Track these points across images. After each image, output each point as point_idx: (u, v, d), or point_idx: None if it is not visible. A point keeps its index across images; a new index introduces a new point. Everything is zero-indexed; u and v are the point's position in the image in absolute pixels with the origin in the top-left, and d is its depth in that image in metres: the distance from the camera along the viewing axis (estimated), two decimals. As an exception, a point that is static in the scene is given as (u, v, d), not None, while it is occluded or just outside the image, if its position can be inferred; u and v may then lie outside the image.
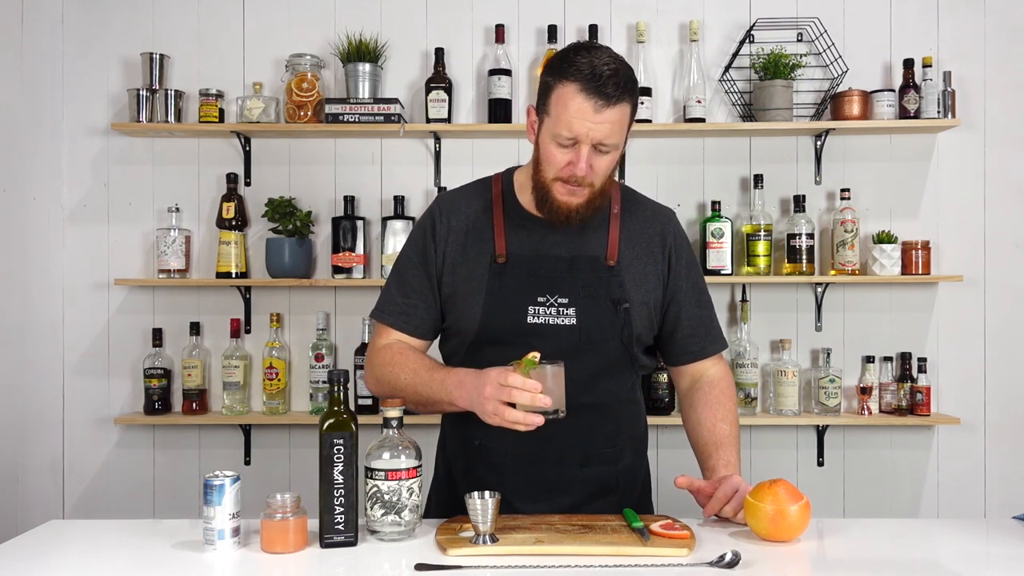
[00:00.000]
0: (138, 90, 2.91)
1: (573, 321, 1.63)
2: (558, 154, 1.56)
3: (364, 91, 2.91)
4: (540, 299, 1.64)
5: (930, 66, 2.89)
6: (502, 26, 2.94)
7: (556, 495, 1.66)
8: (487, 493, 1.40)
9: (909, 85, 2.89)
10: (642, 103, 2.89)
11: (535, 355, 1.46)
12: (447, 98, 2.90)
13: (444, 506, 1.73)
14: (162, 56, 2.95)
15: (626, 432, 1.73)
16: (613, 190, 1.74)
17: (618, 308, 1.65)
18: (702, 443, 1.71)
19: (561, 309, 1.63)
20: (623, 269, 1.68)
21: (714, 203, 2.90)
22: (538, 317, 1.63)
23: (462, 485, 1.67)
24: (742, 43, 2.96)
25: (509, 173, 1.76)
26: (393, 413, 1.49)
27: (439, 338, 1.79)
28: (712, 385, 1.76)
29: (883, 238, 2.88)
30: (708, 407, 1.73)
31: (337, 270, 2.91)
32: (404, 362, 1.66)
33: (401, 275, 1.73)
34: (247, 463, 2.99)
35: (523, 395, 1.43)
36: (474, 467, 1.69)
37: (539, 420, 1.45)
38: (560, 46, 2.92)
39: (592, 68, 1.51)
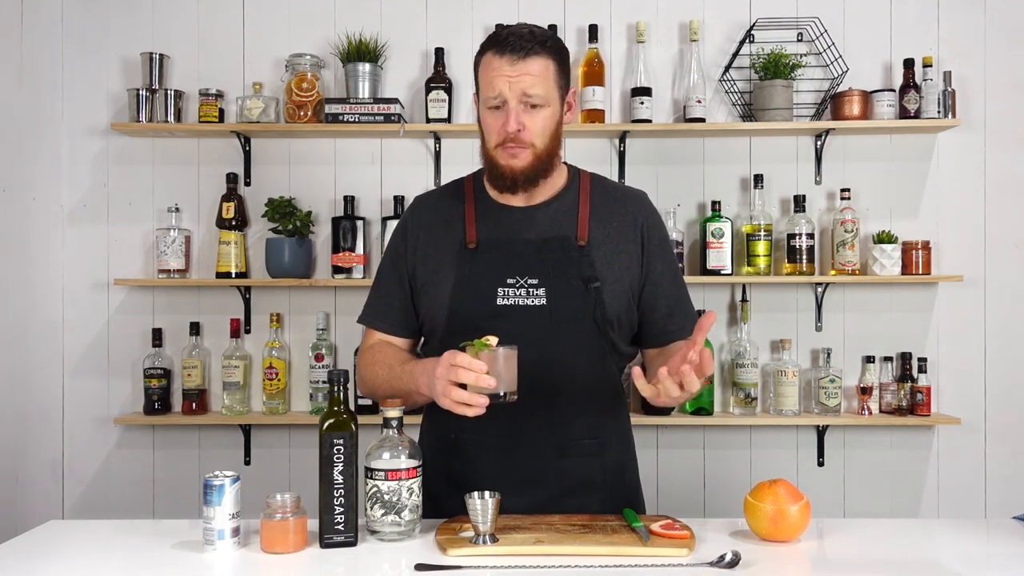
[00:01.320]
0: (138, 90, 2.91)
1: (543, 301, 1.62)
2: (491, 119, 1.62)
3: (364, 91, 2.91)
4: (510, 280, 1.64)
5: (930, 66, 2.89)
6: (502, 26, 2.93)
7: (532, 487, 1.63)
8: (487, 493, 1.40)
9: (909, 85, 2.89)
10: (642, 103, 2.90)
11: (490, 338, 1.45)
12: (447, 98, 2.90)
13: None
14: (162, 56, 2.95)
15: (610, 424, 1.71)
16: (583, 179, 1.75)
17: (588, 286, 1.63)
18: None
19: (531, 290, 1.63)
20: (593, 249, 1.67)
21: (714, 203, 2.90)
22: (508, 299, 1.63)
23: (438, 481, 1.67)
24: (742, 43, 2.96)
25: (480, 171, 1.78)
26: (393, 413, 1.49)
27: (424, 340, 1.80)
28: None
29: (883, 238, 2.88)
30: (675, 354, 1.69)
31: (337, 270, 2.91)
32: (382, 359, 1.70)
33: (379, 277, 1.80)
34: (247, 463, 2.99)
35: (468, 375, 1.43)
36: (450, 462, 1.69)
37: (483, 400, 1.43)
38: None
39: (508, 32, 1.62)
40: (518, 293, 1.63)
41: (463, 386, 1.44)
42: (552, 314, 1.62)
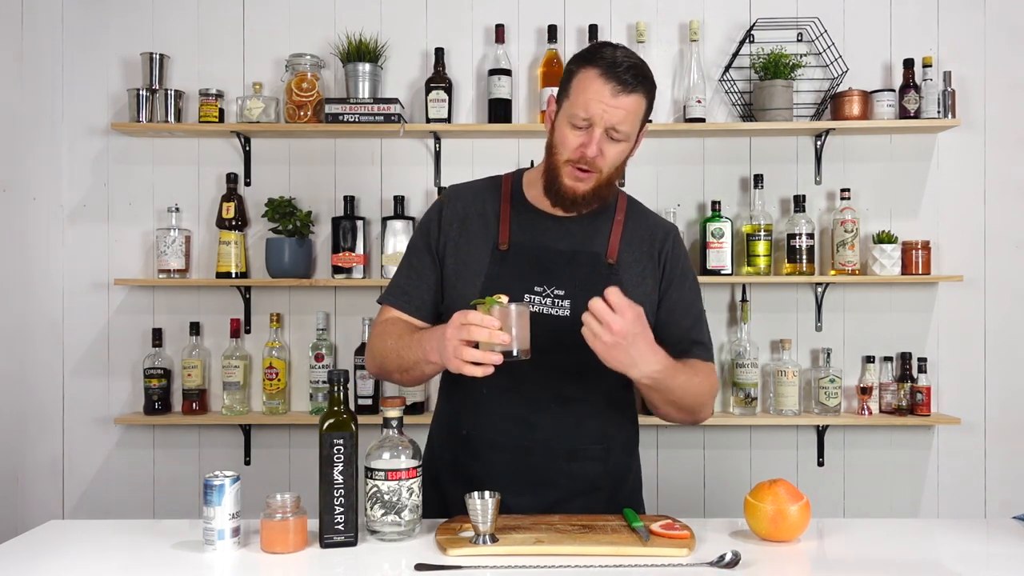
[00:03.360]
0: (138, 90, 2.91)
1: (568, 312, 1.64)
2: (571, 136, 1.61)
3: (364, 91, 2.91)
4: (537, 288, 1.66)
5: (930, 66, 2.89)
6: (502, 26, 2.94)
7: (541, 489, 1.66)
8: (487, 493, 1.41)
9: (909, 85, 2.89)
10: (642, 103, 2.89)
11: (501, 296, 1.45)
12: (447, 98, 2.90)
13: (428, 505, 1.70)
14: (162, 56, 2.95)
15: (614, 431, 1.74)
16: (620, 199, 1.78)
17: None
18: None
19: (557, 300, 1.65)
20: (622, 269, 1.70)
21: (714, 203, 2.90)
22: (534, 306, 1.64)
23: (447, 477, 1.68)
24: (742, 43, 2.96)
25: (519, 172, 1.81)
26: (393, 413, 1.49)
27: None
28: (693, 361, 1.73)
29: (883, 238, 2.88)
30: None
31: (337, 270, 2.91)
32: (392, 330, 1.69)
33: (408, 259, 1.78)
34: (247, 463, 2.99)
35: (481, 331, 1.42)
36: (459, 458, 1.70)
37: (497, 358, 1.42)
38: (560, 46, 2.93)
39: (614, 57, 1.60)
40: (544, 301, 1.65)
41: (477, 347, 1.44)
42: (576, 327, 1.62)
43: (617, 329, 1.44)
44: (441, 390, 1.83)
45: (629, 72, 1.58)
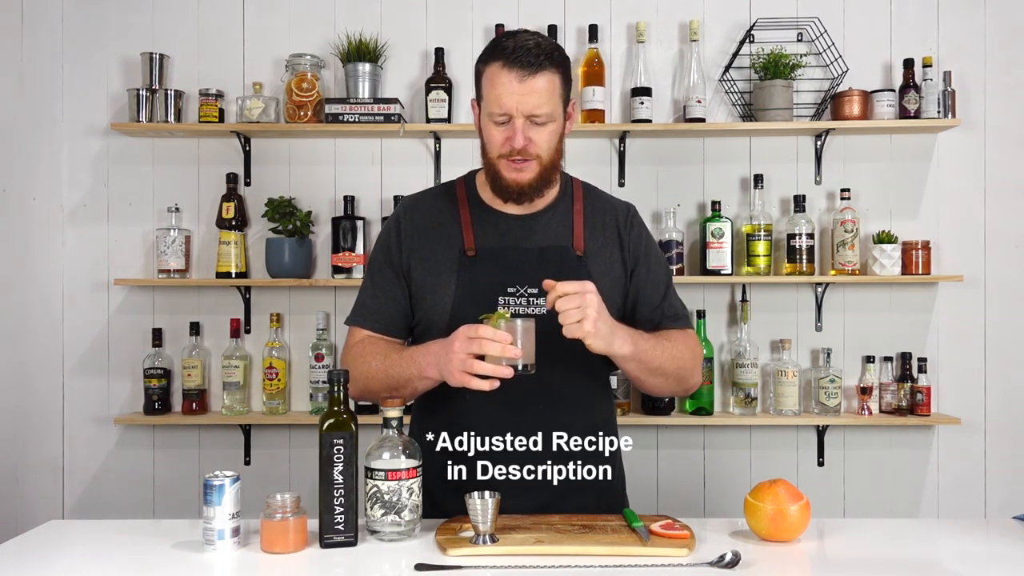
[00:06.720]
0: (138, 90, 2.91)
1: (544, 310, 1.63)
2: (496, 132, 1.62)
3: (364, 91, 2.91)
4: (510, 289, 1.66)
5: (930, 66, 2.89)
6: (502, 26, 2.94)
7: (535, 490, 1.60)
8: (487, 493, 1.40)
9: (909, 85, 2.89)
10: (642, 103, 2.90)
11: (506, 311, 1.48)
12: (447, 98, 2.90)
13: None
14: (162, 56, 2.95)
15: (603, 426, 1.69)
16: (575, 187, 1.78)
17: None
18: None
19: (531, 299, 1.65)
20: (589, 259, 1.71)
21: (714, 203, 2.90)
22: (508, 307, 1.64)
23: (434, 480, 1.65)
24: (742, 43, 2.96)
25: (471, 174, 1.80)
26: (393, 413, 1.49)
27: (412, 342, 1.78)
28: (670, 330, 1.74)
29: (883, 238, 2.88)
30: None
31: (337, 270, 2.91)
32: (374, 350, 1.68)
33: (371, 278, 1.77)
34: (247, 463, 2.99)
35: (493, 346, 1.44)
36: (448, 462, 1.66)
37: (508, 372, 1.45)
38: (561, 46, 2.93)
39: (513, 44, 1.59)
40: (519, 302, 1.65)
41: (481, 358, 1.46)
42: (553, 323, 1.62)
43: (592, 301, 1.48)
44: (418, 409, 1.79)
45: (531, 54, 1.57)
